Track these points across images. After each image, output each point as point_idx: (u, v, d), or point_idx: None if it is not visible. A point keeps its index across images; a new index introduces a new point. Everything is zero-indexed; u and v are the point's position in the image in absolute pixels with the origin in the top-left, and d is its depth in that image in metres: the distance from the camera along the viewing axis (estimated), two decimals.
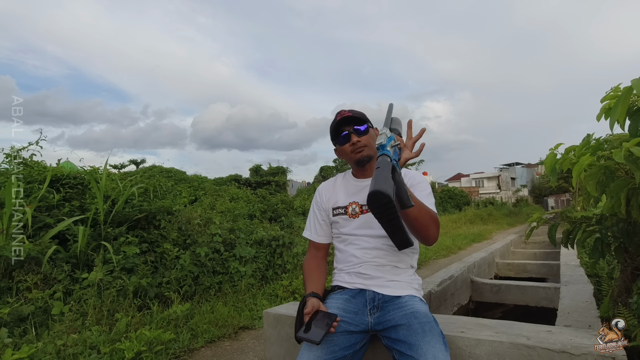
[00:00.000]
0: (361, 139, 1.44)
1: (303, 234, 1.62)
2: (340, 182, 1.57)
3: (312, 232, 1.57)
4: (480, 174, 52.48)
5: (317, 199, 1.59)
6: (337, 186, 1.56)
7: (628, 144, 1.13)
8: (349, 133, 1.45)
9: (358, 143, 1.43)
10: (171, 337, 2.68)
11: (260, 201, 8.75)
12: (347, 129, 1.45)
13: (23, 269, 3.13)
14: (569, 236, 1.88)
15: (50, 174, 3.94)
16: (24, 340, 2.62)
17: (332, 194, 1.55)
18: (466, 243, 9.69)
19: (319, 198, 1.58)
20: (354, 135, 1.44)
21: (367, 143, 1.44)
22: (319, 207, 1.57)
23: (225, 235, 4.70)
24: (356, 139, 1.44)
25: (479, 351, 1.30)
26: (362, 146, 1.44)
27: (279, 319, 1.72)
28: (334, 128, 1.47)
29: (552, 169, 1.53)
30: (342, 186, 1.55)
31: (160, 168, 15.35)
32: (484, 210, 19.94)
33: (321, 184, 1.64)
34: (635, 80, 1.17)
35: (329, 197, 1.55)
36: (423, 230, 1.22)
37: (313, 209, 1.59)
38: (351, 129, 1.45)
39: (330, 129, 1.50)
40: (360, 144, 1.44)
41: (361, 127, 1.45)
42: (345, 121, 1.46)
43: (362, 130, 1.45)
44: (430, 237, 1.25)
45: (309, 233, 1.58)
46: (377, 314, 1.30)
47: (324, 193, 1.58)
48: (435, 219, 1.27)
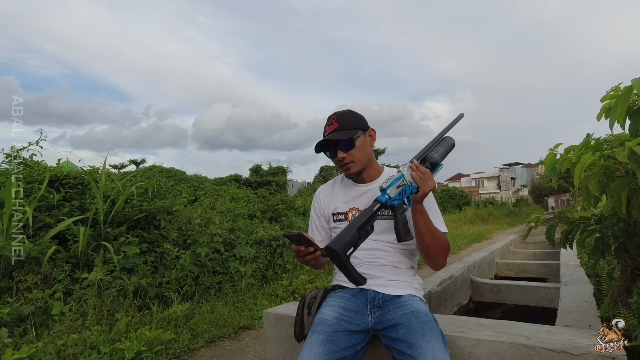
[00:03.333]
0: (347, 155, 1.37)
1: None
2: (339, 185, 1.53)
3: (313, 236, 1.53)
4: (480, 174, 52.50)
5: (315, 204, 1.55)
6: (336, 190, 1.52)
7: (631, 143, 1.12)
8: (335, 149, 1.38)
9: (344, 160, 1.38)
10: (171, 337, 2.68)
11: (260, 201, 8.75)
12: (334, 144, 1.38)
13: (23, 269, 3.13)
14: (567, 236, 1.88)
15: (49, 174, 3.94)
16: (24, 340, 2.62)
17: (330, 198, 1.52)
18: (466, 243, 9.69)
19: (317, 204, 1.54)
20: (340, 152, 1.37)
21: (354, 159, 1.37)
22: (317, 213, 1.54)
23: (225, 235, 4.70)
24: (342, 155, 1.37)
25: (479, 351, 1.30)
26: (348, 162, 1.38)
27: (279, 319, 1.72)
28: (320, 145, 1.40)
29: (552, 168, 1.53)
30: (341, 190, 1.51)
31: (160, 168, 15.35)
32: (484, 210, 19.94)
33: (319, 188, 1.60)
34: (635, 80, 1.17)
35: (328, 202, 1.52)
36: (432, 256, 1.32)
37: (312, 215, 1.56)
38: (337, 145, 1.37)
39: (316, 145, 1.40)
40: (346, 161, 1.38)
41: (347, 140, 1.35)
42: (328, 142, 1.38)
43: (347, 145, 1.36)
44: (437, 264, 1.33)
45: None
46: (377, 313, 1.30)
47: (323, 198, 1.54)
48: (445, 248, 1.32)
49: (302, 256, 1.20)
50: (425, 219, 1.26)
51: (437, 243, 1.29)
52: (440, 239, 1.30)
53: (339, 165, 1.42)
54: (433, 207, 1.39)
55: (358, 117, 1.42)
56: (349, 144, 1.36)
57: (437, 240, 1.29)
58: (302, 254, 1.19)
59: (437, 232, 1.30)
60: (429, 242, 1.27)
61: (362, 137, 1.40)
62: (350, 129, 1.37)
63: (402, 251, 1.39)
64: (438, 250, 1.30)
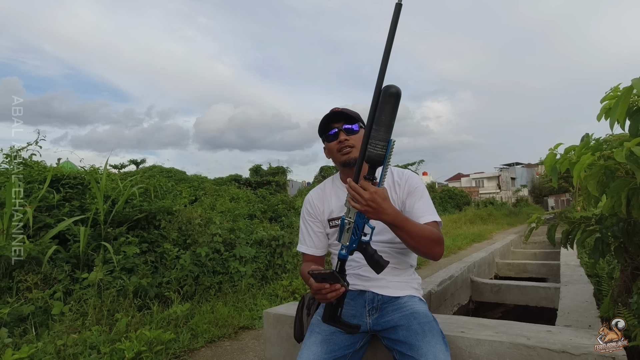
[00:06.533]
0: (350, 138, 1.35)
1: (297, 249, 1.50)
2: (330, 189, 1.48)
3: (309, 245, 1.46)
4: (480, 174, 52.47)
5: (308, 209, 1.48)
6: (328, 194, 1.47)
7: (629, 144, 1.12)
8: (338, 131, 1.36)
9: (346, 142, 1.35)
10: (171, 337, 2.68)
11: (260, 201, 8.75)
12: (337, 126, 1.36)
13: (23, 269, 3.13)
14: (568, 236, 1.88)
15: (51, 174, 3.94)
16: (24, 340, 2.62)
17: (324, 203, 1.46)
18: (466, 243, 9.69)
19: (311, 209, 1.48)
20: (342, 133, 1.35)
21: (355, 144, 1.35)
22: (312, 217, 1.47)
23: (225, 235, 4.70)
24: (344, 137, 1.35)
25: (479, 351, 1.30)
26: (349, 146, 1.35)
27: (279, 319, 1.72)
28: (324, 123, 1.38)
29: (553, 168, 1.53)
30: (333, 194, 1.45)
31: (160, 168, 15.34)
32: (484, 210, 19.94)
33: (310, 193, 1.53)
34: (635, 80, 1.17)
35: (322, 207, 1.46)
36: (425, 254, 1.24)
37: (305, 221, 1.48)
38: (341, 126, 1.36)
39: (320, 123, 1.39)
40: (347, 143, 1.35)
41: (352, 126, 1.36)
42: (336, 118, 1.36)
43: (352, 129, 1.36)
44: (434, 255, 1.25)
45: (305, 247, 1.46)
46: (375, 315, 1.30)
47: (316, 203, 1.48)
48: (436, 239, 1.22)
49: (324, 294, 1.11)
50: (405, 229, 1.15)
51: (426, 239, 1.20)
52: (430, 235, 1.21)
53: (338, 149, 1.36)
54: (423, 197, 1.34)
55: (359, 115, 1.43)
56: (353, 128, 1.37)
57: (426, 237, 1.20)
58: (324, 291, 1.11)
59: (424, 231, 1.20)
60: (416, 245, 1.20)
61: (363, 130, 1.39)
62: (356, 118, 1.38)
63: (401, 251, 1.39)
64: (429, 246, 1.21)
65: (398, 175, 1.40)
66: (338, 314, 1.17)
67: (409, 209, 1.32)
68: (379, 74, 1.06)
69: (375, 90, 1.07)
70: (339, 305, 1.17)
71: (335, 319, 1.17)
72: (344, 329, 1.19)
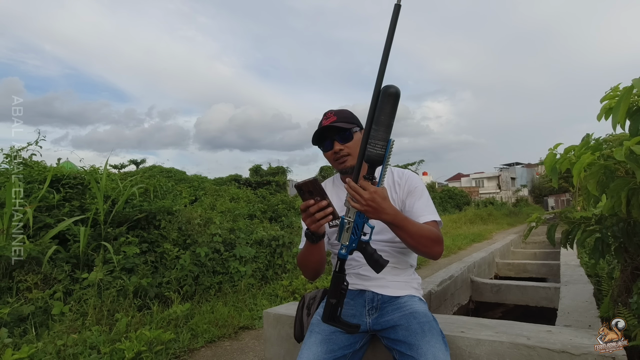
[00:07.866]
0: (344, 147, 1.34)
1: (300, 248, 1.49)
2: (331, 188, 1.48)
3: None
4: (480, 174, 52.47)
5: None
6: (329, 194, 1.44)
7: (629, 143, 1.12)
8: (332, 141, 1.35)
9: (341, 152, 1.34)
10: (171, 337, 2.68)
11: (260, 201, 8.75)
12: (330, 136, 1.35)
13: (23, 269, 3.13)
14: (568, 236, 1.88)
15: (51, 174, 3.94)
16: (24, 340, 2.62)
17: None
18: (466, 243, 9.69)
19: None
20: (337, 143, 1.35)
21: (351, 151, 1.34)
22: None
23: (225, 235, 4.70)
24: (339, 147, 1.34)
25: (479, 351, 1.30)
26: (344, 155, 1.35)
27: (279, 319, 1.72)
28: (317, 135, 1.37)
29: (553, 168, 1.53)
30: (334, 194, 1.45)
31: (160, 168, 15.34)
32: (484, 210, 19.93)
33: None
34: (636, 80, 1.17)
35: None
36: (424, 253, 1.24)
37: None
38: (335, 135, 1.35)
39: (314, 135, 1.38)
40: (342, 153, 1.34)
41: (345, 134, 1.34)
42: (329, 127, 1.35)
43: (347, 136, 1.34)
44: (434, 255, 1.24)
45: None
46: (375, 315, 1.30)
47: None
48: (435, 239, 1.22)
49: (311, 213, 1.09)
50: (404, 229, 1.16)
51: (426, 239, 1.20)
52: (429, 235, 1.21)
53: (334, 158, 1.37)
54: (423, 196, 1.34)
55: (355, 116, 1.42)
56: (347, 135, 1.35)
57: (426, 236, 1.20)
58: (311, 210, 1.09)
59: (424, 230, 1.20)
60: (416, 245, 1.20)
61: (359, 133, 1.38)
62: (349, 122, 1.36)
63: (401, 250, 1.38)
64: (429, 245, 1.21)
65: (398, 175, 1.40)
66: (338, 313, 1.18)
67: (409, 209, 1.32)
68: (379, 74, 1.07)
69: (374, 90, 1.08)
70: (338, 305, 1.17)
71: (335, 319, 1.18)
72: (344, 328, 1.19)
